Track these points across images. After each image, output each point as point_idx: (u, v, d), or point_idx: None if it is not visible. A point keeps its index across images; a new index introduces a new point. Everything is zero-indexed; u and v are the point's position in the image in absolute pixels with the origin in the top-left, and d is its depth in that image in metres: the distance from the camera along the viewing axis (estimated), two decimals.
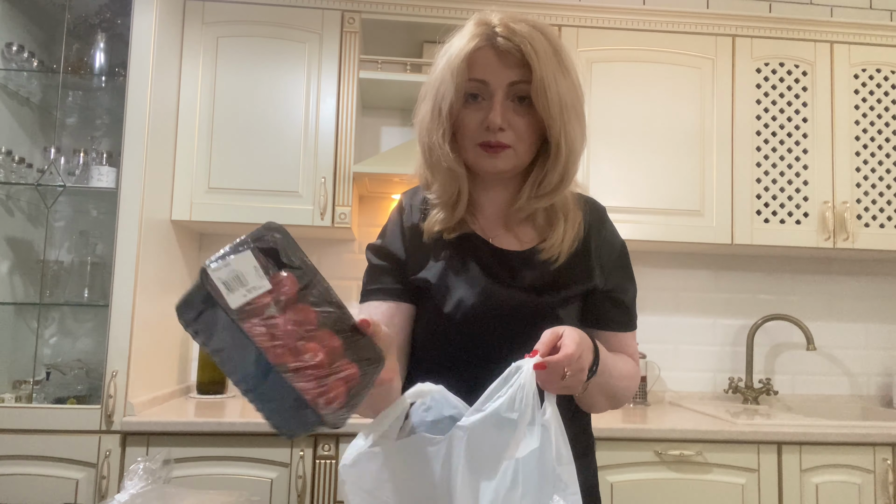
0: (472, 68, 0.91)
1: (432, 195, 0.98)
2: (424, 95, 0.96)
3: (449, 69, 0.91)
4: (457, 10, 2.13)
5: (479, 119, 0.91)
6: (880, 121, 2.23)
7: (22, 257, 2.01)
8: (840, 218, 2.18)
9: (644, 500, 1.79)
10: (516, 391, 0.76)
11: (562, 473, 0.75)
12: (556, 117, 0.90)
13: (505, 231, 1.00)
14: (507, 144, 0.91)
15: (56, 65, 1.96)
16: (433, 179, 0.97)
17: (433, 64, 0.96)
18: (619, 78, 2.17)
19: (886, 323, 2.54)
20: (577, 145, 0.93)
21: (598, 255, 0.99)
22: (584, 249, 0.98)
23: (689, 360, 2.47)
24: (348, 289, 2.37)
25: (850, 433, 1.84)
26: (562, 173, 0.94)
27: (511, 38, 0.89)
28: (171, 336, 2.09)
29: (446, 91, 0.91)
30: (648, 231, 2.14)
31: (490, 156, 0.92)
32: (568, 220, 0.97)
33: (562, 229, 0.96)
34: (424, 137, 0.95)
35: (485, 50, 0.90)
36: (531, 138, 0.93)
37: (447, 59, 0.92)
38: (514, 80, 0.90)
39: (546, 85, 0.88)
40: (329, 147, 2.06)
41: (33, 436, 1.70)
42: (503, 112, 0.90)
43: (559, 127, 0.90)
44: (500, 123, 0.89)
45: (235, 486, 1.70)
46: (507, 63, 0.90)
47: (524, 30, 0.89)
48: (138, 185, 1.80)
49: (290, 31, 2.08)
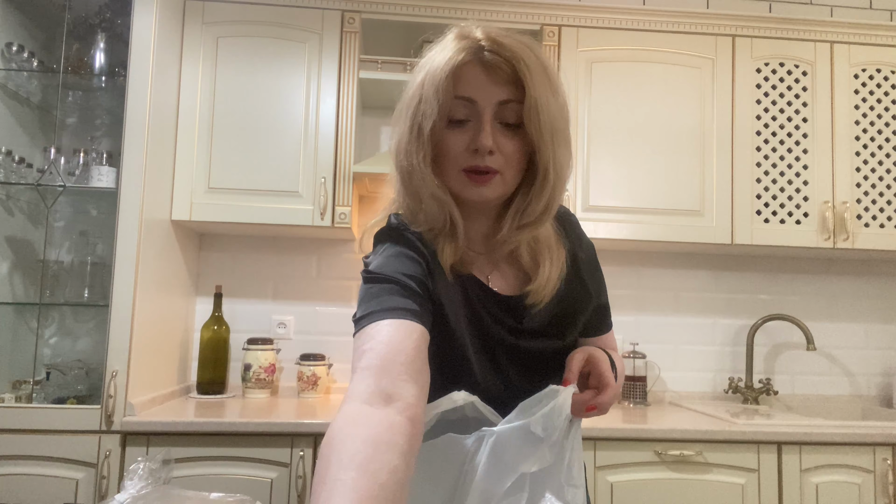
0: (458, 85, 0.82)
1: (421, 228, 0.87)
2: (400, 114, 0.87)
3: (432, 85, 0.81)
4: (457, 10, 2.13)
5: (465, 142, 0.82)
6: (880, 121, 2.23)
7: (22, 257, 2.01)
8: (840, 218, 2.18)
9: (644, 500, 1.79)
10: (550, 412, 0.77)
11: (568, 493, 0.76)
12: (547, 142, 0.82)
13: (495, 270, 0.92)
14: (496, 170, 0.82)
15: (56, 65, 1.96)
16: (417, 208, 0.86)
17: (408, 82, 0.87)
18: (619, 78, 2.17)
19: (886, 323, 2.54)
20: (564, 172, 0.86)
21: (587, 270, 0.96)
22: (576, 273, 0.94)
23: (689, 360, 2.47)
24: (348, 289, 2.37)
25: (850, 433, 1.84)
26: (547, 201, 0.85)
27: (499, 52, 0.81)
28: (171, 336, 2.09)
29: (428, 110, 0.81)
30: (648, 231, 2.14)
31: (476, 185, 0.83)
32: (553, 258, 0.90)
33: (547, 270, 0.89)
34: (403, 161, 0.84)
35: (471, 65, 0.82)
36: (519, 163, 0.84)
37: (429, 75, 0.82)
38: (504, 100, 0.82)
39: (539, 106, 0.80)
40: (329, 147, 2.06)
41: (33, 436, 1.70)
42: (493, 133, 0.82)
43: (549, 152, 0.83)
44: (490, 146, 0.81)
45: (235, 486, 1.70)
46: (495, 80, 0.81)
47: (513, 44, 0.82)
48: (138, 185, 1.80)
49: (290, 31, 2.08)
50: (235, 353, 2.26)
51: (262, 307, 2.35)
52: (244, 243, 2.36)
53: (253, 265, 2.36)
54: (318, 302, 2.36)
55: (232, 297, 2.32)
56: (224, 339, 2.21)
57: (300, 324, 2.35)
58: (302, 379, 2.20)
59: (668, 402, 2.37)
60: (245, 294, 2.35)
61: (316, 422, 1.73)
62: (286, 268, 2.36)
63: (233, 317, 2.30)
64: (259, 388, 2.17)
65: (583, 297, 0.94)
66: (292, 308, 2.36)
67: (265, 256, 2.36)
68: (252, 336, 2.25)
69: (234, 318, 2.30)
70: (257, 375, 2.16)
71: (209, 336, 2.18)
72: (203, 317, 2.27)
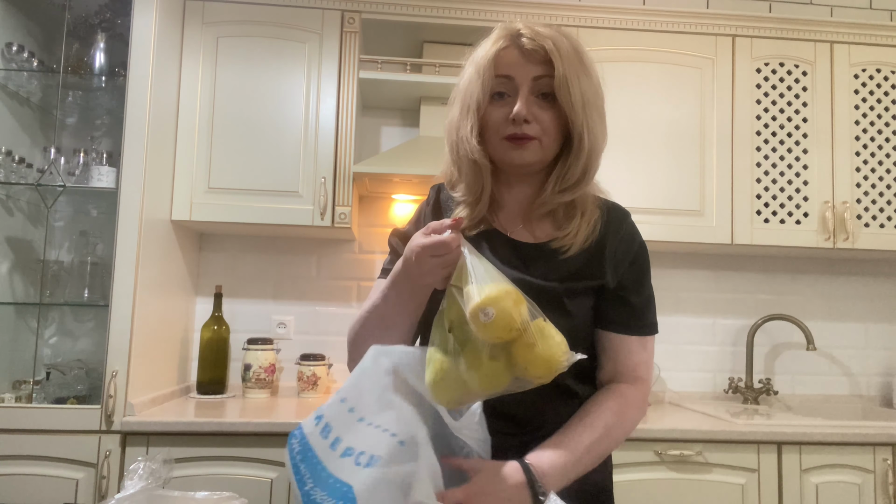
0: (498, 66, 0.95)
1: (457, 193, 1.02)
2: (453, 100, 1.01)
3: (476, 69, 0.96)
4: (457, 9, 2.13)
5: (505, 113, 0.94)
6: (880, 121, 2.23)
7: (22, 257, 2.01)
8: (840, 218, 2.18)
9: (644, 500, 1.79)
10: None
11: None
12: (578, 112, 0.93)
13: (524, 226, 1.03)
14: (532, 136, 0.94)
15: (56, 65, 1.96)
16: (459, 178, 1.01)
17: (461, 72, 1.01)
18: (619, 78, 2.17)
19: (886, 323, 2.54)
20: (598, 141, 0.97)
21: (613, 256, 1.00)
22: (599, 249, 0.99)
23: (689, 360, 2.47)
24: (348, 289, 2.37)
25: (850, 433, 1.84)
26: (584, 167, 0.97)
27: (535, 38, 0.94)
28: (171, 336, 2.09)
29: (474, 90, 0.96)
30: (648, 231, 2.10)
31: (517, 147, 0.95)
32: (584, 217, 1.00)
33: (577, 223, 0.99)
34: (453, 135, 0.99)
35: (510, 49, 0.95)
36: (555, 132, 0.96)
37: (474, 61, 0.97)
38: (538, 75, 0.94)
39: (569, 80, 0.92)
40: (329, 147, 2.06)
41: (33, 436, 1.70)
42: (528, 105, 0.93)
43: (581, 121, 0.94)
44: (525, 115, 0.92)
45: (235, 486, 1.70)
46: (531, 60, 0.94)
47: (547, 32, 0.95)
48: (138, 185, 1.80)
49: (290, 31, 2.08)
50: (235, 353, 2.26)
51: (262, 307, 2.35)
52: (244, 243, 2.36)
53: (253, 265, 2.36)
54: (318, 302, 2.36)
55: (232, 297, 2.32)
56: (224, 339, 2.21)
57: (300, 324, 2.35)
58: (302, 379, 2.20)
59: (668, 402, 2.37)
60: (245, 294, 2.35)
61: None
62: (286, 268, 2.36)
63: (233, 317, 2.30)
64: (259, 388, 2.17)
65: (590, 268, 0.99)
66: (292, 308, 2.36)
67: (265, 256, 2.36)
68: (252, 336, 2.25)
69: (234, 318, 2.30)
70: (257, 375, 2.16)
71: (209, 336, 2.18)
72: (203, 317, 2.26)
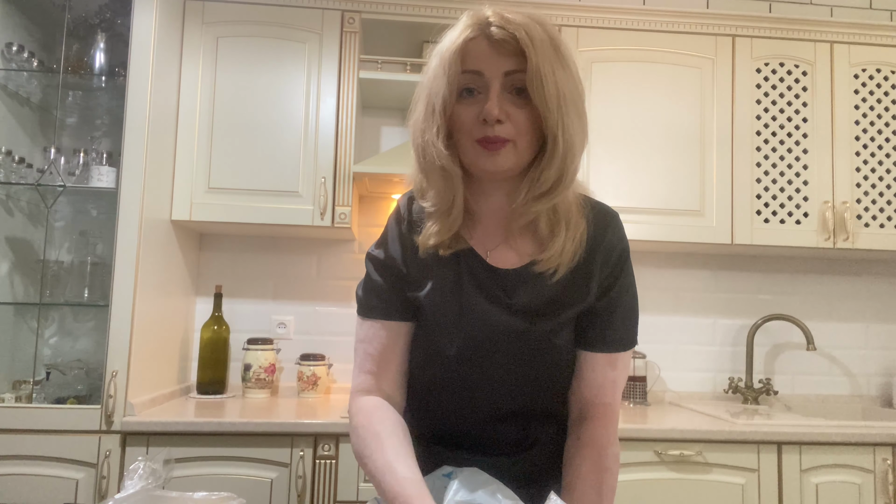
0: (466, 60, 0.84)
1: (427, 203, 0.91)
2: (418, 98, 0.90)
3: (441, 63, 0.85)
4: (457, 10, 2.13)
5: (475, 113, 0.84)
6: (880, 121, 2.23)
7: (22, 257, 2.00)
8: (840, 218, 2.18)
9: (644, 500, 1.79)
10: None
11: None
12: (552, 108, 0.83)
13: (504, 243, 0.93)
14: (506, 139, 0.83)
15: (56, 65, 1.96)
16: (428, 185, 0.90)
17: (425, 65, 0.91)
18: (619, 78, 2.17)
19: (886, 323, 2.54)
20: (575, 140, 0.86)
21: (599, 270, 0.92)
22: (587, 264, 0.91)
23: (689, 360, 2.47)
24: (348, 289, 2.37)
25: (850, 433, 1.84)
26: (559, 171, 0.85)
27: (505, 26, 0.83)
28: (171, 336, 2.09)
29: (439, 87, 0.85)
30: (648, 231, 2.14)
31: (489, 154, 0.84)
32: (569, 230, 0.89)
33: (562, 240, 0.88)
34: (418, 138, 0.89)
35: (478, 40, 0.84)
36: (531, 133, 0.85)
37: (439, 55, 0.86)
38: (510, 70, 0.83)
39: (542, 73, 0.81)
40: (329, 147, 2.06)
41: (33, 436, 1.70)
42: (500, 103, 0.83)
43: (556, 119, 0.83)
44: (497, 115, 0.82)
45: (235, 486, 1.70)
46: (501, 52, 0.83)
47: (519, 19, 0.84)
48: (138, 185, 1.80)
49: (290, 31, 2.08)
50: (235, 353, 2.26)
51: (262, 307, 2.35)
52: (244, 243, 2.36)
53: (253, 265, 2.36)
54: (318, 302, 2.36)
55: (232, 297, 2.32)
56: (224, 339, 2.21)
57: (300, 324, 2.35)
58: (302, 379, 2.20)
59: (667, 402, 2.37)
60: (245, 294, 2.35)
61: (316, 422, 1.73)
62: (286, 268, 2.36)
63: (233, 317, 2.30)
64: (259, 388, 2.17)
65: (577, 291, 0.91)
66: (292, 308, 2.36)
67: (265, 256, 2.36)
68: (252, 336, 2.25)
69: (234, 318, 2.30)
70: (257, 375, 2.16)
71: (209, 336, 2.18)
72: (203, 317, 2.27)
